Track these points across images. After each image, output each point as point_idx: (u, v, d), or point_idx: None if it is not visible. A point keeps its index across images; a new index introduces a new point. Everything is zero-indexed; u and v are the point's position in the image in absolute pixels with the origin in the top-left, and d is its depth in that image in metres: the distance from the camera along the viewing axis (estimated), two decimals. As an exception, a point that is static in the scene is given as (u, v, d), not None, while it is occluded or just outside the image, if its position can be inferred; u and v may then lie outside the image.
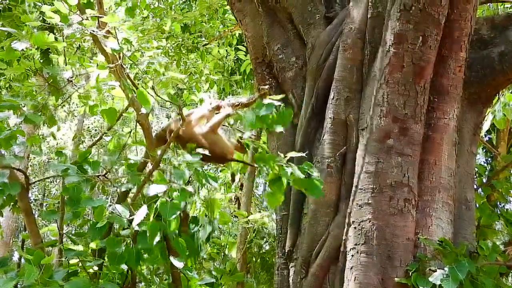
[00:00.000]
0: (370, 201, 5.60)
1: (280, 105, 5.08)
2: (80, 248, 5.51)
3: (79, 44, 10.02)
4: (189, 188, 4.95)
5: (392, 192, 5.61)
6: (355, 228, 5.61)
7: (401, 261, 5.47)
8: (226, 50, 12.57)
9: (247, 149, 5.90)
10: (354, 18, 6.26)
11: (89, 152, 5.56)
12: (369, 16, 6.16)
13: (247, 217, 7.10)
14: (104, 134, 7.52)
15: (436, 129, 5.90)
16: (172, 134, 5.52)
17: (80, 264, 5.53)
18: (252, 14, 7.10)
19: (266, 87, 5.15)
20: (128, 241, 5.32)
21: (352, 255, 5.55)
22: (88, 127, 29.25)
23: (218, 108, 5.62)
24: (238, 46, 12.35)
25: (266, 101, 5.06)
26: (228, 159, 5.66)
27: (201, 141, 5.49)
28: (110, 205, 5.31)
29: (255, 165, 5.05)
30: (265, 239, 10.86)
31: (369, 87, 6.00)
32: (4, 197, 5.35)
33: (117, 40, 5.67)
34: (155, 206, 4.89)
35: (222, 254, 8.86)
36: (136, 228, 4.90)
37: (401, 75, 5.72)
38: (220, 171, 10.44)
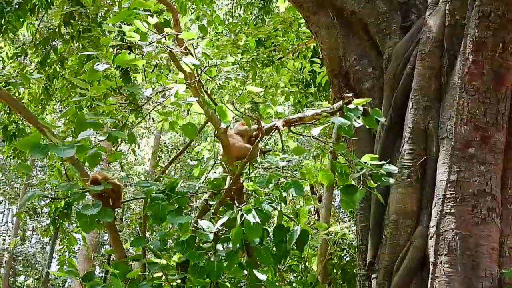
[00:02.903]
0: (452, 211, 5.55)
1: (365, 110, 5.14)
2: (163, 261, 5.60)
3: (157, 63, 10.20)
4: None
5: (475, 201, 5.54)
6: (437, 238, 5.56)
7: (486, 271, 5.40)
8: (301, 63, 12.59)
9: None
10: (431, 27, 6.21)
11: (177, 183, 5.65)
12: (447, 24, 6.10)
13: (327, 228, 7.08)
14: (183, 150, 7.62)
15: (519, 136, 5.82)
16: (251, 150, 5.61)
17: (163, 278, 5.63)
18: (327, 26, 7.11)
19: (351, 94, 5.15)
20: (210, 254, 5.41)
21: (436, 266, 5.49)
22: (165, 143, 29.66)
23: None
24: (313, 59, 12.35)
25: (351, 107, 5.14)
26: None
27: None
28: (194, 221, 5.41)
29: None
30: (345, 250, 10.81)
31: (448, 95, 5.94)
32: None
33: (195, 56, 5.75)
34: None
35: (303, 266, 8.86)
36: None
37: (481, 82, 5.68)
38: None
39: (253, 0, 15.36)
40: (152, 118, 17.15)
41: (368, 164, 5.05)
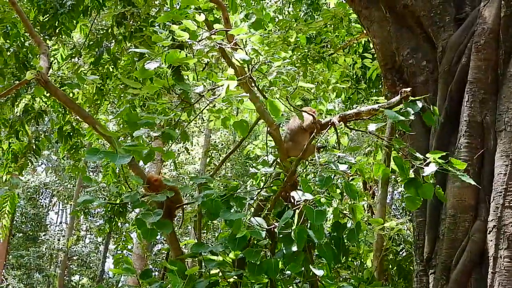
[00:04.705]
0: (511, 204, 5.46)
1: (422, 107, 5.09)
2: (220, 258, 5.62)
3: (208, 61, 10.26)
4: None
5: (534, 194, 5.46)
6: (496, 232, 5.48)
7: (547, 265, 5.31)
8: (352, 58, 12.51)
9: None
10: (486, 18, 6.11)
11: (237, 187, 5.65)
12: (503, 15, 6.00)
13: (382, 224, 7.02)
14: (235, 149, 7.64)
15: None
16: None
17: (220, 274, 5.65)
18: (379, 20, 7.06)
19: (409, 89, 5.10)
20: (267, 251, 5.41)
21: (495, 260, 5.42)
22: (215, 142, 29.83)
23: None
24: (364, 54, 12.26)
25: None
26: None
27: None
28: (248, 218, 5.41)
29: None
30: (401, 246, 10.74)
31: (505, 87, 5.85)
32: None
33: (245, 51, 5.75)
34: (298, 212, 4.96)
35: (358, 262, 8.84)
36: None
37: (539, 73, 5.59)
38: (352, 179, 10.42)
39: (301, -3, 15.34)
40: (202, 118, 17.24)
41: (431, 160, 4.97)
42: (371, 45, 9.80)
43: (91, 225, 39.81)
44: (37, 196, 40.05)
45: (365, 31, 7.87)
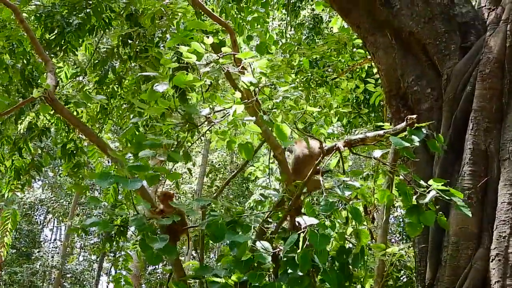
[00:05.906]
0: (514, 233, 5.49)
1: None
2: (222, 280, 5.62)
3: (211, 82, 10.29)
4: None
5: (537, 223, 5.49)
6: (499, 260, 5.50)
7: (550, 295, 5.32)
8: (355, 83, 12.55)
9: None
10: (491, 48, 6.17)
11: (242, 212, 5.68)
12: (508, 44, 6.07)
13: (384, 249, 7.04)
14: (239, 171, 7.65)
15: None
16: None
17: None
18: (385, 47, 7.10)
19: (414, 116, 5.15)
20: (270, 274, 5.42)
21: (498, 289, 5.44)
22: (212, 162, 29.85)
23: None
24: (367, 79, 12.29)
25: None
26: None
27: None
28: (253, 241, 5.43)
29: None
30: (402, 271, 10.70)
31: (510, 116, 5.90)
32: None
33: (253, 74, 5.78)
34: (302, 236, 4.97)
35: (359, 286, 8.80)
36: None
37: (543, 103, 5.64)
38: (352, 204, 10.41)
39: (303, 21, 15.42)
40: (201, 138, 17.26)
41: (432, 187, 5.00)
42: (374, 71, 9.84)
43: (85, 243, 39.70)
44: (32, 212, 39.99)
45: (370, 57, 7.91)
